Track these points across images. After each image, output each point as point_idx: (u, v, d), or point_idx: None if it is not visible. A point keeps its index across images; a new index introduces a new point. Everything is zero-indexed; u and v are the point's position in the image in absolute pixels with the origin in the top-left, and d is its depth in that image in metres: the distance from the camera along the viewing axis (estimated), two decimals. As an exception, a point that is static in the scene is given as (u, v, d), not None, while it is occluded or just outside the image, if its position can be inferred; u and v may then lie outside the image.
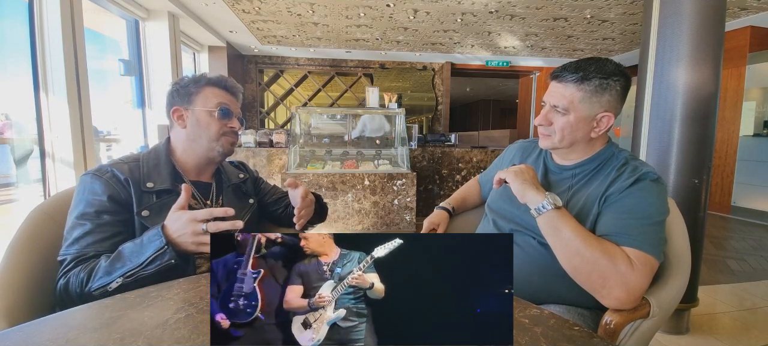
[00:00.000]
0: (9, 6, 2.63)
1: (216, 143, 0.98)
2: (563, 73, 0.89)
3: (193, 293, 0.67)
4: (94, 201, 0.83)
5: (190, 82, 0.98)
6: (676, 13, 1.67)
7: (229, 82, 1.01)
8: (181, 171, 0.98)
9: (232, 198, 1.05)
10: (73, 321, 0.58)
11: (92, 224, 0.81)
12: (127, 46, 3.74)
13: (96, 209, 0.82)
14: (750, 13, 4.04)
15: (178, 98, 0.97)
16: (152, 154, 0.96)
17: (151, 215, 0.87)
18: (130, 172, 0.89)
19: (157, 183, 0.90)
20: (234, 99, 1.02)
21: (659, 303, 0.78)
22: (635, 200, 0.81)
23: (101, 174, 0.86)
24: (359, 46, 5.68)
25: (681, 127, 1.69)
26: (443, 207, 1.25)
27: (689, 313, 1.85)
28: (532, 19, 4.35)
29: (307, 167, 3.52)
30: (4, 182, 2.56)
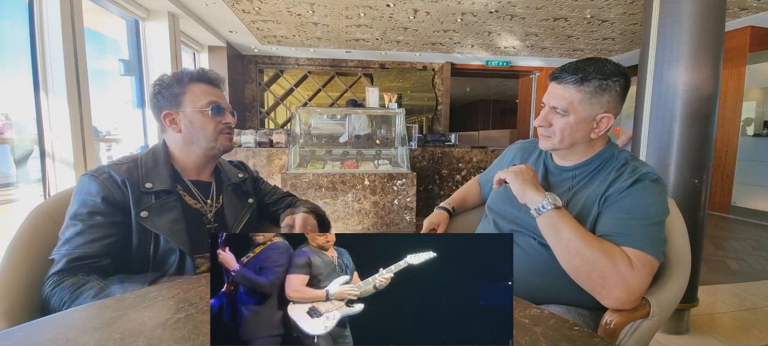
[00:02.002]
0: (9, 6, 2.63)
1: (214, 142, 0.98)
2: (562, 75, 0.88)
3: (193, 293, 0.67)
4: (88, 201, 0.83)
5: (172, 82, 0.95)
6: (676, 13, 1.67)
7: (212, 75, 1.00)
8: (180, 171, 0.98)
9: (232, 197, 1.05)
10: (73, 321, 0.58)
11: (83, 225, 0.81)
12: (127, 46, 3.74)
13: (89, 209, 0.82)
14: (750, 13, 4.04)
15: (165, 101, 0.95)
16: (150, 154, 0.95)
17: (150, 216, 0.86)
18: (128, 173, 0.88)
19: (156, 183, 0.90)
20: (220, 91, 1.01)
21: (659, 303, 0.78)
22: (635, 200, 0.81)
23: (98, 175, 0.86)
24: (359, 46, 5.68)
25: (681, 127, 1.69)
26: (443, 207, 1.25)
27: (689, 313, 1.85)
28: (532, 19, 4.35)
29: (307, 167, 3.52)
30: (4, 182, 2.56)
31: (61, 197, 0.95)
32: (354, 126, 3.91)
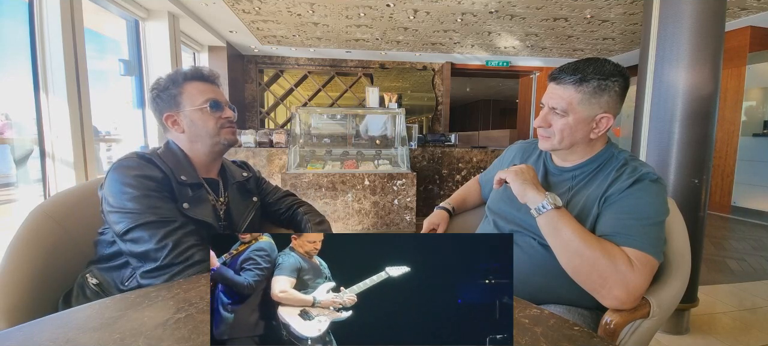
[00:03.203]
0: (9, 6, 2.63)
1: (217, 137, 0.98)
2: (561, 75, 0.88)
3: (193, 293, 0.67)
4: (141, 177, 0.83)
5: (168, 84, 0.96)
6: (676, 13, 1.67)
7: (206, 71, 1.00)
8: (196, 168, 0.98)
9: (237, 196, 1.05)
10: (73, 321, 0.58)
11: (145, 195, 0.82)
12: (127, 46, 3.74)
13: (146, 187, 0.83)
14: (750, 13, 4.04)
15: (165, 104, 0.96)
16: (169, 152, 0.96)
17: (191, 208, 0.88)
18: (162, 166, 0.89)
19: (188, 177, 0.92)
20: (216, 87, 1.01)
21: (659, 303, 0.78)
22: (635, 200, 0.81)
23: (142, 157, 0.88)
24: (359, 46, 5.68)
25: (681, 127, 1.69)
26: (443, 207, 1.25)
27: (689, 313, 1.85)
28: (532, 19, 4.35)
29: (307, 167, 3.52)
30: (4, 182, 2.56)
31: (62, 197, 0.95)
32: (367, 126, 3.95)
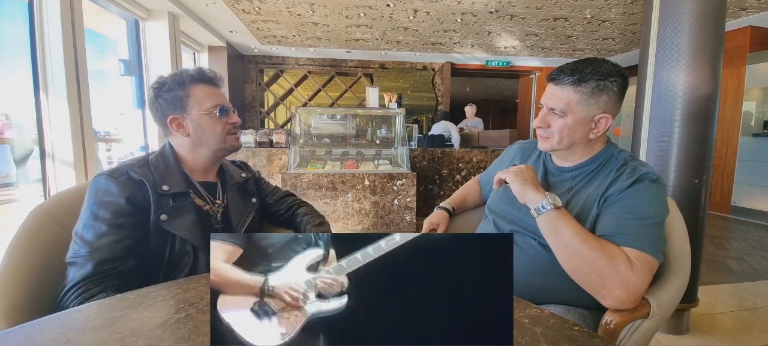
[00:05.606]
0: (9, 6, 2.63)
1: (223, 143, 0.98)
2: (560, 76, 0.88)
3: (193, 293, 0.67)
4: (110, 202, 0.82)
5: (174, 85, 0.93)
6: (676, 13, 1.67)
7: (212, 74, 0.99)
8: (188, 173, 0.97)
9: (236, 197, 1.05)
10: (73, 321, 0.58)
11: (108, 226, 0.80)
12: (127, 46, 3.74)
13: (113, 210, 0.82)
14: (750, 13, 4.04)
15: (170, 106, 0.94)
16: (160, 158, 0.94)
17: (169, 219, 0.86)
18: (145, 175, 0.88)
19: (171, 186, 0.90)
20: (220, 91, 1.01)
21: (659, 303, 0.78)
22: (635, 200, 0.81)
23: (117, 176, 0.85)
24: (359, 46, 5.68)
25: (681, 127, 1.69)
26: (443, 207, 1.25)
27: (689, 313, 1.85)
28: (532, 19, 4.35)
29: (307, 167, 3.52)
30: (4, 182, 2.56)
31: (62, 197, 0.95)
32: (367, 126, 3.96)
